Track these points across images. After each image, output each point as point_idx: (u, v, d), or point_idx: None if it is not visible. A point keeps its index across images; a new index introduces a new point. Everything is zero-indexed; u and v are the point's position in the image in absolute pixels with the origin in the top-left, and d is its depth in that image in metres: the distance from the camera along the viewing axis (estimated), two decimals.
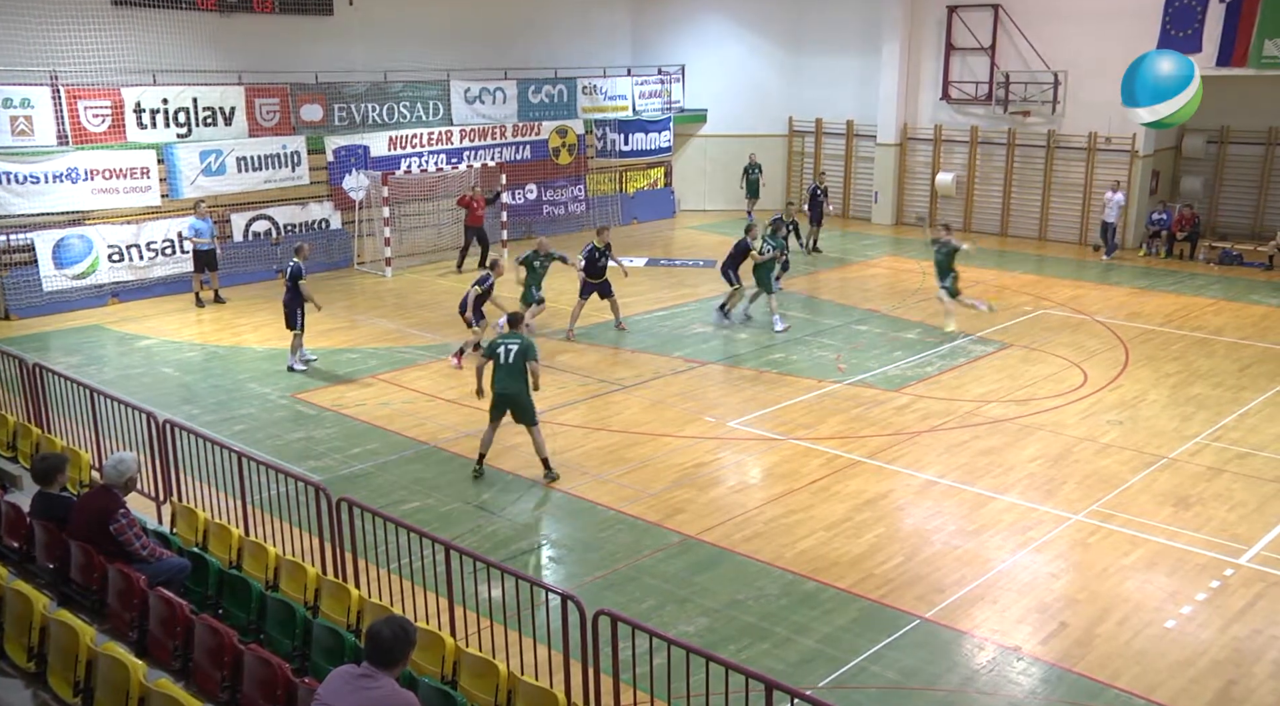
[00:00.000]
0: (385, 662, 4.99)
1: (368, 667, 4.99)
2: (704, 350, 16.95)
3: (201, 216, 19.49)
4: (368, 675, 4.97)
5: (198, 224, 19.50)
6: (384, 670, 4.99)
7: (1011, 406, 14.27)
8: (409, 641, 5.03)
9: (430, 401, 14.50)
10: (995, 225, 27.30)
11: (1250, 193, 25.65)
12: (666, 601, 9.30)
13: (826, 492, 11.55)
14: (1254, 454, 12.62)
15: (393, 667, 5.01)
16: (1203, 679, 8.17)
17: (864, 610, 9.16)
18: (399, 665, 5.04)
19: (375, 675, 4.97)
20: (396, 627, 5.02)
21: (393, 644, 4.97)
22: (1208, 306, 19.84)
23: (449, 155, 24.77)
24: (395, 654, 4.99)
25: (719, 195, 30.68)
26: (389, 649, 4.97)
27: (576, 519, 11.09)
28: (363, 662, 5.03)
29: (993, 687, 8.13)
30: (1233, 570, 9.86)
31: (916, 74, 27.90)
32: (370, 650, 5.01)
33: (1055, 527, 10.71)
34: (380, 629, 5.03)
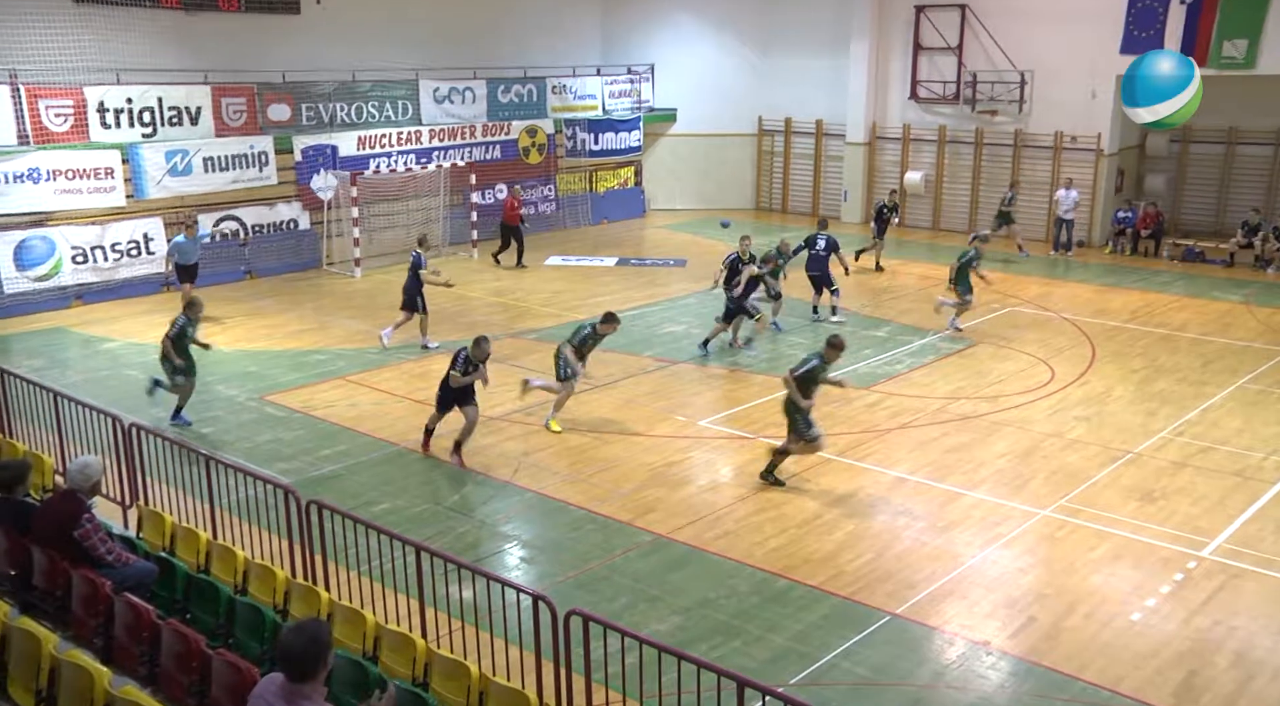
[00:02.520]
0: (300, 675, 4.61)
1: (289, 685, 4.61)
2: (674, 349, 16.97)
3: (191, 236, 18.37)
4: (297, 692, 4.61)
5: (184, 243, 18.24)
6: (305, 683, 4.61)
7: (980, 403, 14.39)
8: (323, 646, 4.65)
9: (400, 402, 14.43)
10: (963, 223, 27.48)
11: (1211, 191, 26.01)
12: (638, 600, 9.31)
13: (797, 490, 11.60)
14: (1216, 448, 12.80)
15: (312, 679, 4.63)
16: (1166, 670, 8.27)
17: (835, 607, 9.21)
18: (318, 675, 4.65)
19: (302, 691, 4.61)
20: (306, 638, 4.63)
21: (303, 655, 4.60)
22: (1171, 303, 20.09)
23: (418, 155, 24.66)
24: (309, 664, 4.62)
25: (689, 194, 30.72)
26: (300, 660, 4.60)
27: (547, 519, 11.08)
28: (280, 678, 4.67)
29: (963, 682, 8.20)
30: (1195, 562, 9.99)
31: (885, 73, 28.07)
32: (282, 664, 4.64)
33: (1023, 523, 10.81)
34: (290, 640, 4.63)
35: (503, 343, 17.32)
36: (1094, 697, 7.96)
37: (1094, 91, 24.89)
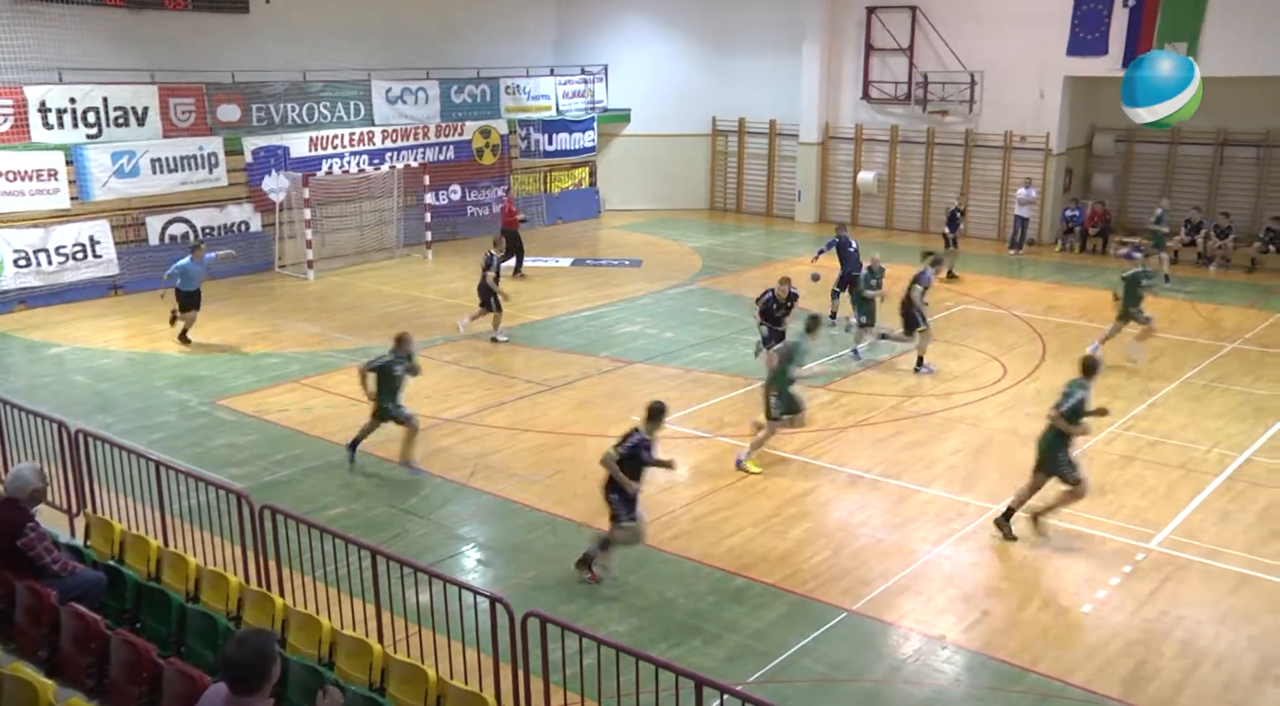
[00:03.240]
0: (245, 689, 4.45)
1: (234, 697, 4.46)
2: (631, 350, 16.97)
3: (198, 259, 16.80)
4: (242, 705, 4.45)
5: (190, 267, 16.69)
6: (250, 696, 4.46)
7: (934, 401, 14.53)
8: (268, 659, 4.48)
9: (354, 405, 14.26)
10: (915, 222, 27.78)
11: (1156, 189, 26.46)
12: (596, 601, 9.30)
13: (753, 489, 11.64)
14: (1163, 441, 13.03)
15: (256, 692, 4.48)
16: (1116, 660, 8.41)
17: (792, 604, 9.26)
18: (262, 687, 4.49)
19: (247, 703, 4.45)
20: (251, 649, 4.47)
21: (248, 669, 4.43)
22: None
23: (371, 156, 24.45)
24: (253, 677, 4.46)
25: (644, 195, 30.75)
26: (244, 672, 4.44)
27: (504, 521, 11.03)
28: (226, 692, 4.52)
29: (919, 676, 8.28)
30: (1143, 554, 10.17)
31: (837, 74, 28.27)
32: (227, 677, 4.47)
33: (977, 518, 10.93)
34: (234, 652, 4.45)
35: (458, 344, 17.25)
36: (1046, 689, 8.07)
37: (1042, 92, 25.26)
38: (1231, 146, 25.30)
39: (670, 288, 21.30)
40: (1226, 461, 12.43)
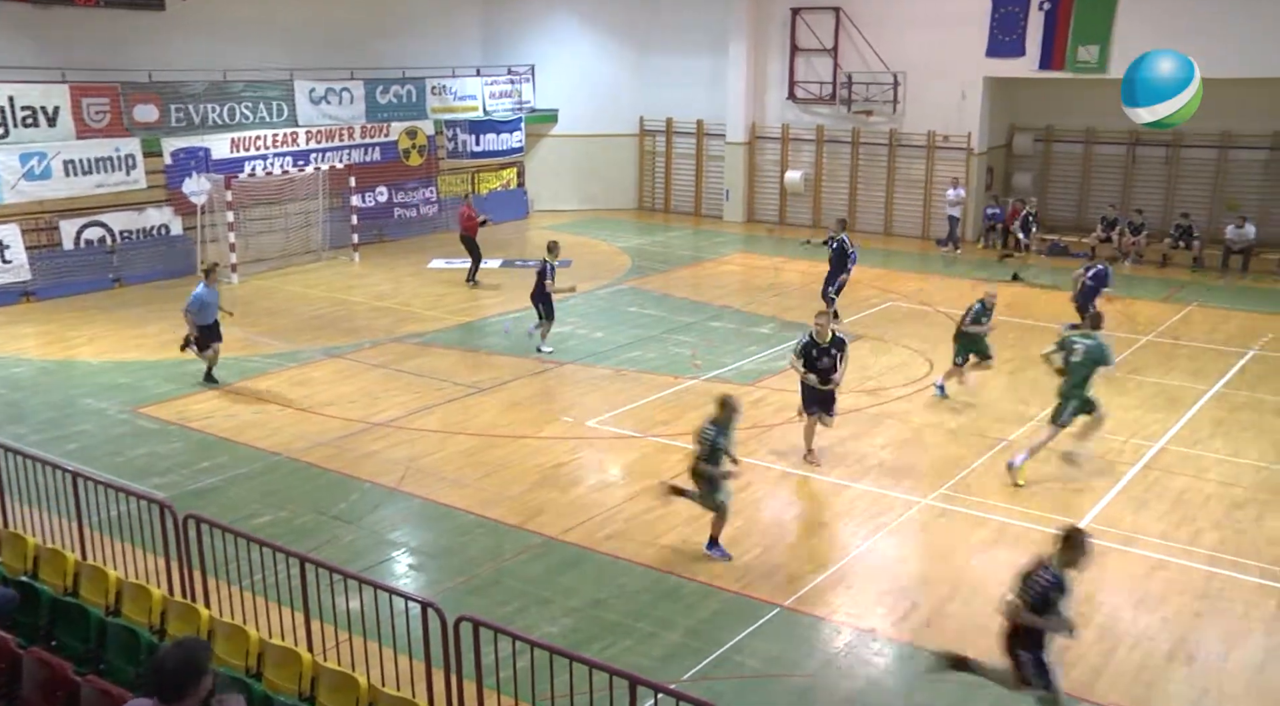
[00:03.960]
0: (173, 697, 4.45)
1: None
2: (561, 350, 16.92)
3: (211, 284, 14.97)
4: None
5: (206, 294, 14.79)
6: (178, 703, 4.46)
7: (862, 396, 14.72)
8: (198, 668, 4.50)
9: (281, 411, 14.06)
10: None
11: (1073, 187, 27.17)
12: (529, 603, 9.26)
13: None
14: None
15: (186, 699, 4.47)
16: None
17: (725, 602, 9.31)
18: (190, 696, 4.49)
19: None
20: (183, 656, 4.49)
21: (178, 676, 4.44)
22: (1040, 295, 20.89)
23: (295, 157, 24.05)
24: (182, 683, 4.46)
25: (572, 195, 30.69)
26: (172, 679, 4.45)
27: (436, 525, 10.93)
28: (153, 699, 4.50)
29: (851, 669, 8.38)
30: None
31: (763, 74, 28.51)
32: (155, 683, 4.48)
33: (906, 511, 11.10)
34: (163, 658, 4.50)
35: (386, 347, 17.05)
36: (976, 677, 8.21)
37: (964, 92, 25.73)
38: (1143, 146, 26.03)
39: (600, 288, 21.30)
40: (1142, 451, 12.79)
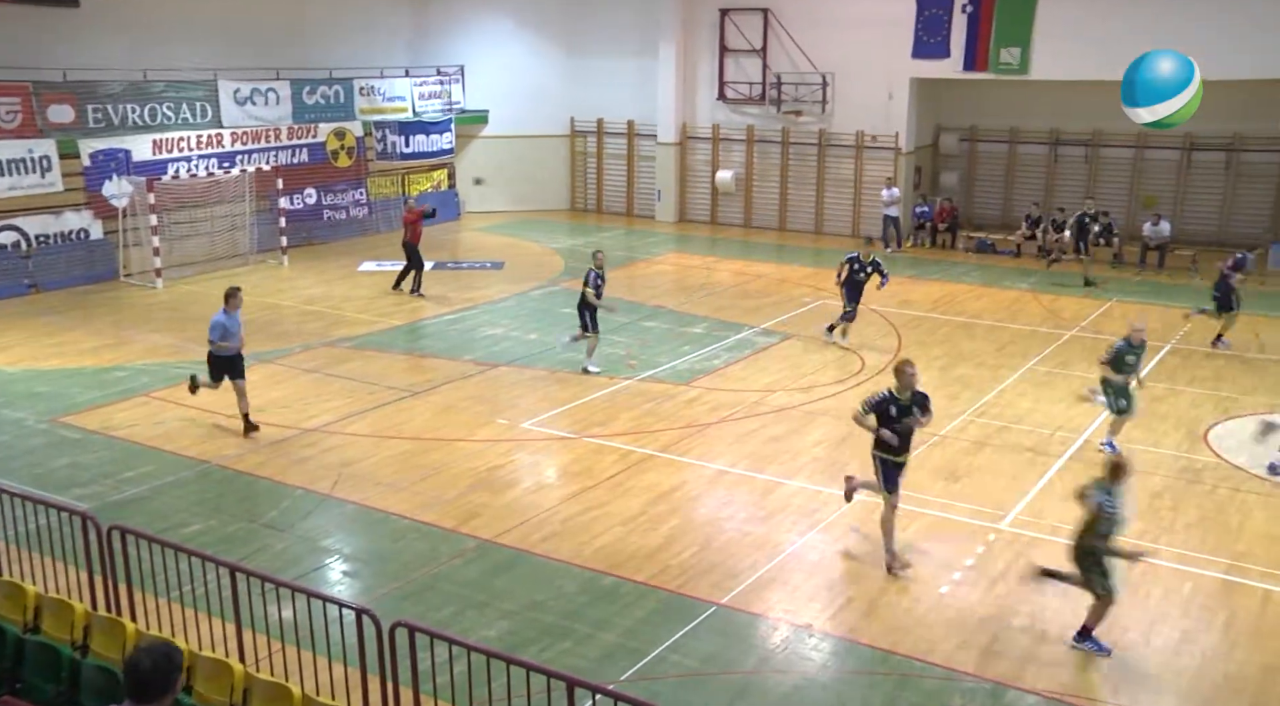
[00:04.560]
0: (149, 697, 4.54)
1: None
2: (495, 353, 16.84)
3: (232, 310, 13.26)
4: None
5: (225, 320, 13.17)
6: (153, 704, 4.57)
7: (796, 394, 14.87)
8: (174, 668, 4.60)
9: (211, 418, 13.79)
10: (774, 220, 28.37)
11: (998, 186, 27.74)
12: (466, 607, 9.20)
13: (621, 488, 11.70)
14: (1011, 427, 13.64)
15: (159, 701, 4.58)
16: (972, 637, 8.78)
17: (662, 601, 9.34)
18: (166, 697, 4.61)
19: None
20: (158, 656, 4.58)
21: (153, 675, 4.52)
22: (968, 292, 21.29)
23: (220, 159, 23.60)
24: (158, 686, 4.55)
25: (503, 196, 30.55)
26: (148, 681, 4.52)
27: (370, 530, 10.81)
28: (125, 702, 4.56)
29: (787, 665, 8.46)
30: (995, 535, 10.63)
31: (693, 74, 28.65)
32: (130, 685, 4.55)
33: (840, 507, 11.21)
34: (139, 660, 4.57)
35: (317, 352, 16.82)
36: (909, 669, 8.36)
37: (891, 93, 26.12)
38: (1064, 146, 26.68)
39: (533, 289, 21.24)
40: (1068, 443, 13.09)
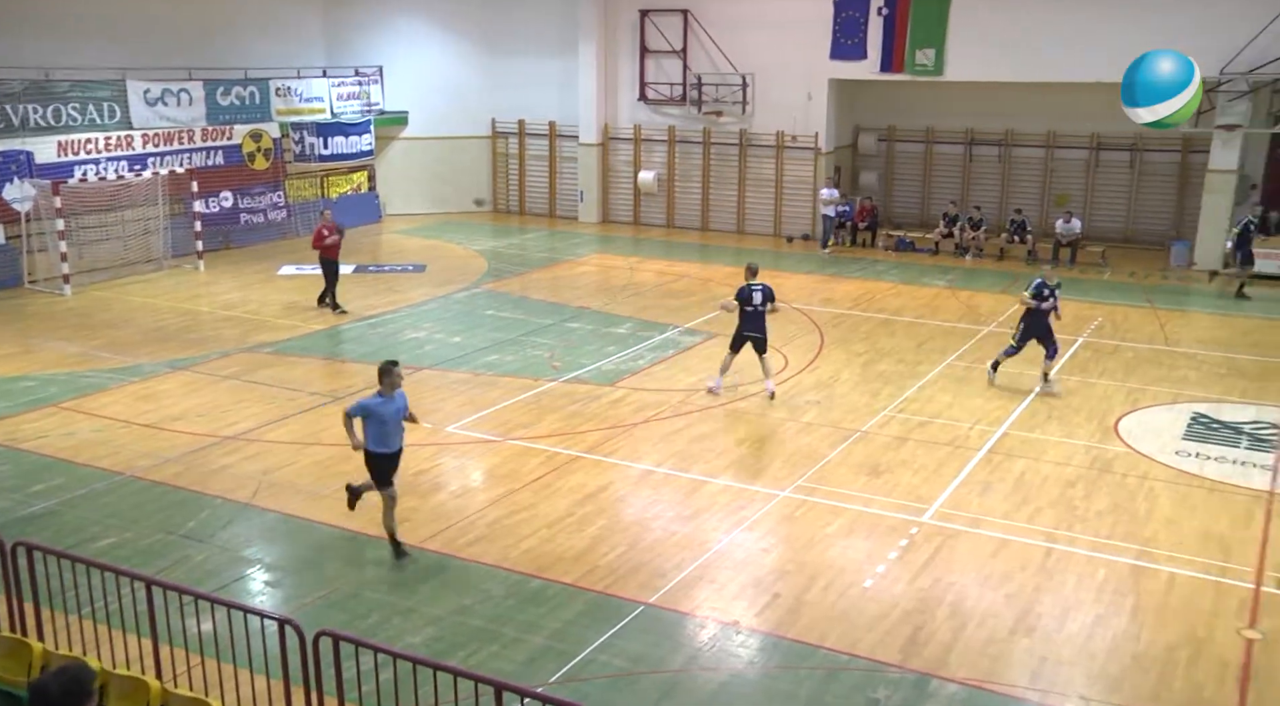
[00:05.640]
0: None
1: None
2: (418, 356, 16.67)
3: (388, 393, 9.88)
4: None
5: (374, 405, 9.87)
6: None
7: (720, 393, 14.96)
8: (84, 692, 4.42)
9: (125, 427, 13.43)
10: (696, 220, 28.54)
11: (916, 185, 28.26)
12: (391, 614, 9.10)
13: (548, 490, 11.67)
14: (931, 421, 13.90)
15: None
16: (895, 629, 8.93)
17: (590, 602, 9.33)
18: None
19: None
20: (67, 679, 4.40)
21: (62, 699, 4.34)
22: (888, 290, 21.64)
23: (131, 161, 23.00)
24: None
25: (425, 198, 30.26)
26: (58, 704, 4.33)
27: (292, 539, 10.63)
28: None
29: (715, 663, 8.52)
30: (917, 528, 10.82)
31: (614, 75, 28.69)
32: None
33: (765, 505, 11.34)
34: (46, 684, 4.38)
35: (236, 358, 16.49)
36: (834, 662, 8.47)
37: (810, 94, 26.44)
38: (978, 145, 27.28)
39: (456, 292, 21.08)
40: (986, 436, 13.39)
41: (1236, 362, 16.54)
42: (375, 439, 9.79)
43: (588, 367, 16.13)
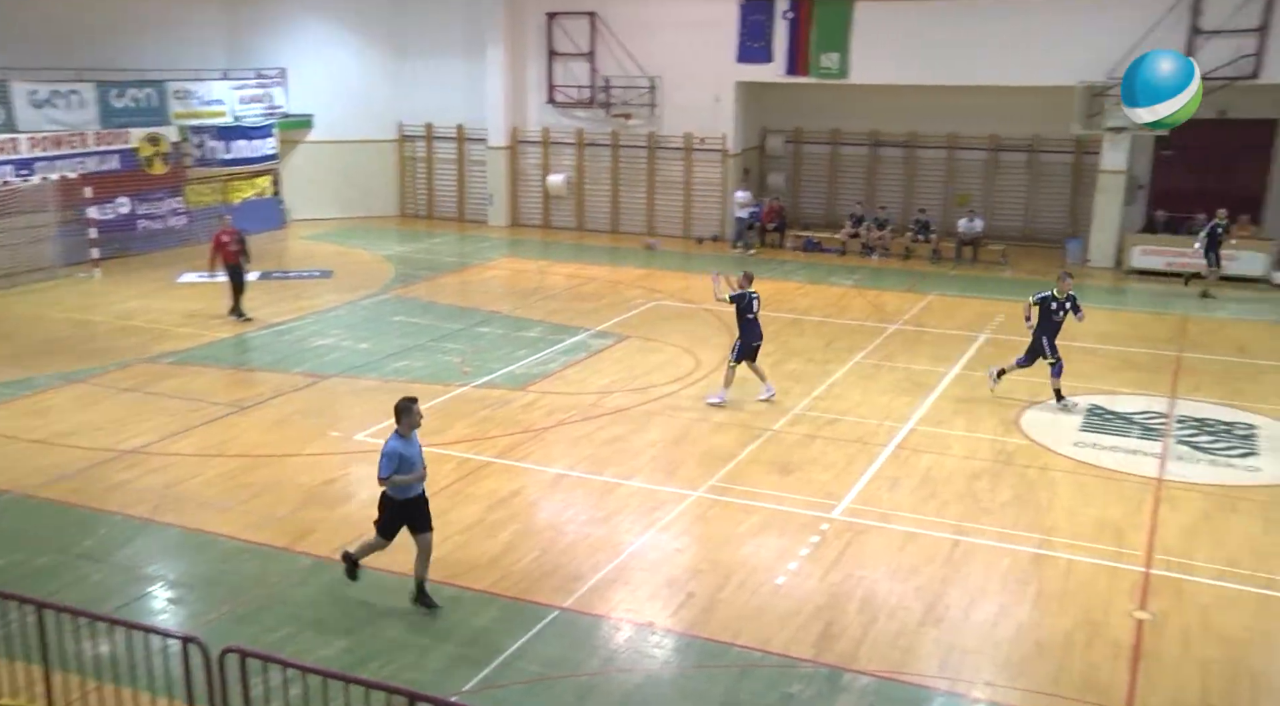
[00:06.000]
0: None
1: None
2: (326, 363, 16.38)
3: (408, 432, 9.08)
4: None
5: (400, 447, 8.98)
6: None
7: (632, 395, 15.00)
8: None
9: (13, 443, 12.93)
10: (606, 223, 28.58)
11: (823, 186, 28.71)
12: (301, 628, 8.91)
13: (460, 496, 11.56)
14: (840, 419, 14.12)
15: None
16: (808, 625, 9.05)
17: (504, 608, 9.27)
18: None
19: None
20: None
21: None
22: (797, 289, 21.93)
23: (18, 166, 22.12)
24: None
25: (331, 203, 29.73)
26: None
27: (196, 554, 10.34)
28: None
29: (631, 664, 8.53)
30: (828, 525, 10.98)
31: (522, 78, 28.56)
32: None
33: (678, 505, 11.39)
34: None
35: (135, 369, 15.99)
36: (748, 660, 8.55)
37: (717, 96, 26.67)
38: (883, 147, 27.83)
39: (364, 298, 20.77)
40: (894, 432, 13.65)
41: (1128, 355, 17.16)
42: (400, 485, 8.91)
43: (499, 372, 16.03)
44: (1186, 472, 12.44)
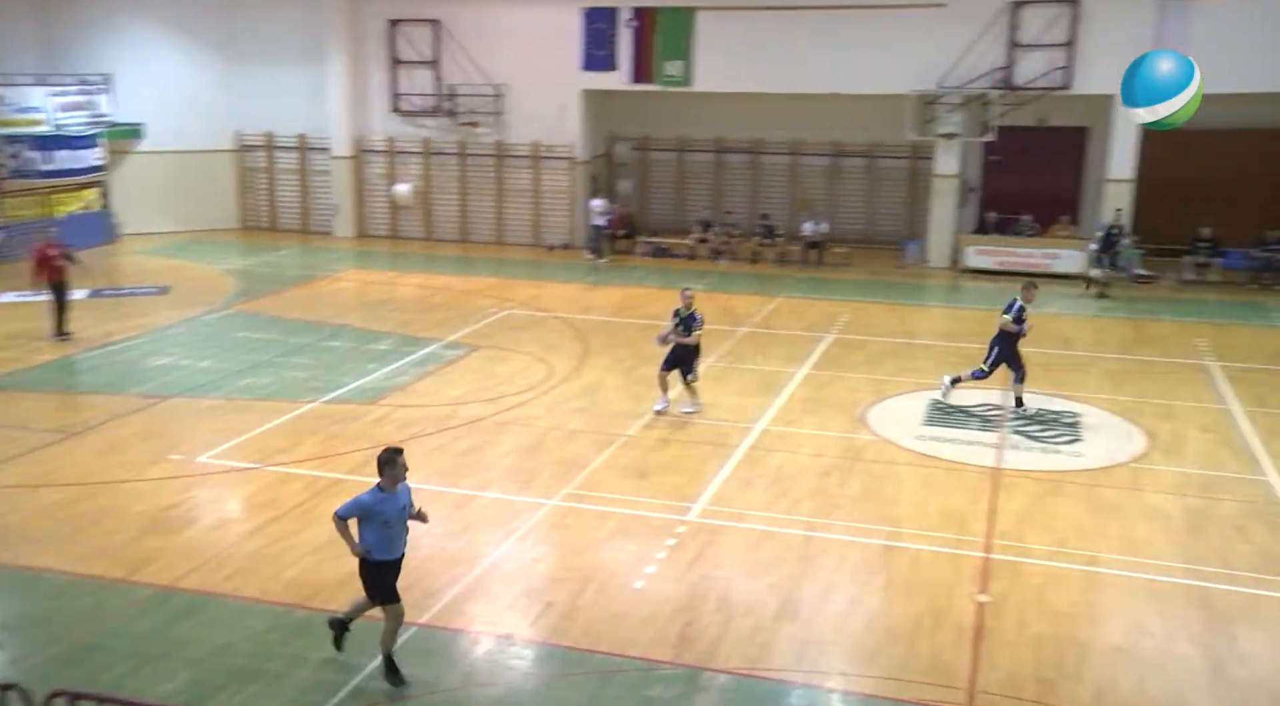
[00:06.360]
0: None
1: None
2: (165, 383, 15.66)
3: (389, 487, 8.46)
4: None
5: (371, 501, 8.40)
6: None
7: (485, 406, 14.85)
8: None
9: None
10: (455, 232, 28.25)
11: (671, 193, 29.07)
12: (141, 663, 8.47)
13: (310, 515, 11.22)
14: (694, 422, 14.31)
15: None
16: (667, 626, 9.12)
17: (359, 629, 8.98)
18: None
19: None
20: None
21: None
22: (647, 295, 22.13)
23: None
24: None
25: (167, 215, 28.45)
26: None
27: (19, 593, 9.73)
28: None
29: (491, 678, 8.43)
30: (684, 527, 11.10)
31: (364, 86, 27.99)
32: None
33: (535, 514, 11.33)
34: None
35: None
36: (609, 665, 8.56)
37: (564, 104, 26.70)
38: (728, 154, 28.37)
39: (204, 314, 19.96)
40: (747, 433, 13.90)
41: (964, 351, 17.91)
42: (377, 544, 8.18)
43: (348, 387, 15.63)
44: (1020, 461, 13.08)
